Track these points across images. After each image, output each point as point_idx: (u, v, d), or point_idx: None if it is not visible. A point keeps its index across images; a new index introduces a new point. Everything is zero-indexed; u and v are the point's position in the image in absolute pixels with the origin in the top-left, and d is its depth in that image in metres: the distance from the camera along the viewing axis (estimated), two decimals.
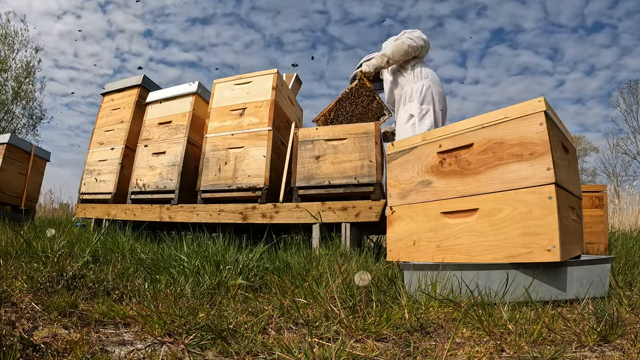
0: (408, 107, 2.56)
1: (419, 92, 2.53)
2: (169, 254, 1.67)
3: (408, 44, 2.52)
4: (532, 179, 1.26)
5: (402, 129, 2.54)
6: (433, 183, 1.54)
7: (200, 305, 1.13)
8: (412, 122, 2.49)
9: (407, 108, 2.56)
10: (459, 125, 1.49)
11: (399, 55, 2.56)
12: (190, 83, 2.96)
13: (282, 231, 2.61)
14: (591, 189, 2.97)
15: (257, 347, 0.85)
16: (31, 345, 0.78)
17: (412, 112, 2.52)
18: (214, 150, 2.63)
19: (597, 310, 1.01)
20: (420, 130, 2.42)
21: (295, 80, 3.39)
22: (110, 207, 2.92)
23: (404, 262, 1.47)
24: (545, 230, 1.20)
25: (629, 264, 1.85)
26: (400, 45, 2.53)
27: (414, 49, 2.52)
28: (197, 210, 2.52)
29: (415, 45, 2.52)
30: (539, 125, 1.27)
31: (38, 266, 1.34)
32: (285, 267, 1.61)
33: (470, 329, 0.96)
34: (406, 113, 2.56)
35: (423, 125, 2.46)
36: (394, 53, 2.56)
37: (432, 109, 2.49)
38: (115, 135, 3.19)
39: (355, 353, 0.82)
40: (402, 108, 2.61)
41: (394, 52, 2.56)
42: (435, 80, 2.61)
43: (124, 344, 0.88)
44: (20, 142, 4.12)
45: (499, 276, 1.26)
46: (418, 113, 2.49)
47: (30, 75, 13.84)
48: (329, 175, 2.26)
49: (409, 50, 2.53)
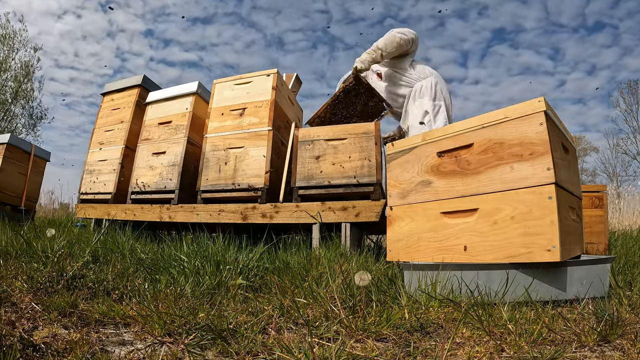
0: (420, 103, 2.54)
1: (430, 88, 2.52)
2: (169, 254, 1.67)
3: (400, 37, 2.51)
4: (532, 179, 1.26)
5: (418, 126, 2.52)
6: (433, 183, 1.54)
7: (200, 305, 1.13)
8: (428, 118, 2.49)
9: (419, 104, 2.54)
10: (459, 125, 1.49)
11: (391, 47, 2.54)
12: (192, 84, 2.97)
13: (282, 231, 2.61)
14: (591, 189, 2.97)
15: (257, 347, 0.85)
16: (31, 345, 0.78)
17: (426, 108, 2.50)
18: (214, 150, 2.63)
19: (597, 310, 1.01)
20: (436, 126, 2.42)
21: (295, 80, 3.39)
22: (110, 207, 2.92)
23: (404, 262, 1.47)
24: (545, 230, 1.20)
25: (629, 264, 1.85)
26: (392, 37, 2.53)
27: (405, 42, 2.52)
28: (197, 210, 2.52)
29: (406, 38, 2.51)
30: (539, 125, 1.27)
31: (38, 266, 1.34)
32: (285, 267, 1.61)
33: (470, 329, 0.96)
34: (421, 109, 2.53)
35: (438, 122, 2.46)
36: (386, 45, 2.54)
37: (443, 104, 2.49)
38: (115, 135, 3.19)
39: (355, 353, 0.82)
40: (413, 104, 2.58)
41: (386, 43, 2.54)
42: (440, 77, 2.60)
43: (124, 344, 0.88)
44: (20, 142, 4.12)
45: (499, 276, 1.26)
46: (432, 110, 2.48)
47: (30, 75, 13.84)
48: (329, 175, 2.26)
49: (401, 42, 2.52)
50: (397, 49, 2.54)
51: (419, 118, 2.53)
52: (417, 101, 2.55)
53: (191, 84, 2.96)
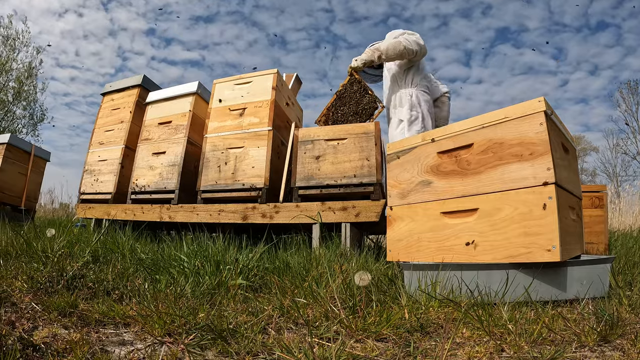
0: (399, 112, 2.58)
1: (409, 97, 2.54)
2: (169, 254, 1.67)
3: (405, 45, 2.46)
4: (532, 179, 1.26)
5: (393, 134, 2.58)
6: (433, 183, 1.54)
7: (200, 305, 1.13)
8: (402, 127, 2.53)
9: (398, 113, 2.58)
10: (459, 125, 1.49)
11: (392, 53, 2.49)
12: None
13: (282, 231, 2.61)
14: (591, 189, 2.97)
15: (257, 347, 0.85)
16: (31, 345, 0.78)
17: (401, 117, 2.55)
18: (214, 150, 2.63)
19: (597, 310, 1.01)
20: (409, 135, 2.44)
21: (295, 80, 3.39)
22: (110, 207, 2.92)
23: (404, 262, 1.47)
24: (545, 230, 1.20)
25: (629, 264, 1.85)
26: (396, 44, 2.47)
27: (408, 51, 2.47)
28: (197, 210, 2.52)
29: (410, 49, 2.46)
30: (539, 125, 1.27)
31: (38, 266, 1.34)
32: (285, 267, 1.61)
33: (470, 329, 0.96)
34: (396, 118, 2.59)
35: (412, 131, 2.49)
36: (388, 50, 2.49)
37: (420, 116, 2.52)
38: (115, 135, 3.19)
39: (355, 353, 0.82)
40: (393, 111, 2.63)
41: (388, 48, 2.49)
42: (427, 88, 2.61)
43: (124, 344, 0.88)
44: (20, 142, 4.13)
45: (499, 276, 1.26)
46: (407, 118, 2.51)
47: (32, 76, 13.82)
48: (329, 175, 2.26)
49: (404, 51, 2.47)
50: (398, 55, 2.49)
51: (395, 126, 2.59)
52: (397, 109, 2.59)
53: (191, 84, 2.96)
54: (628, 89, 17.43)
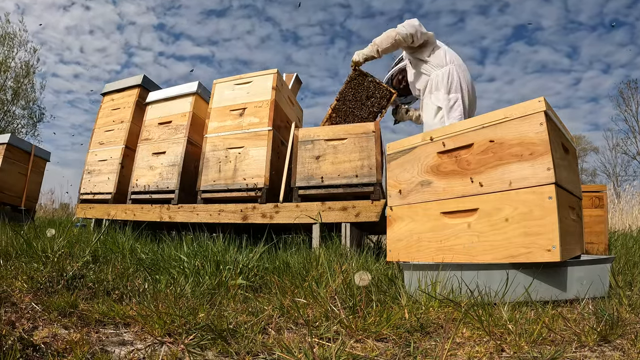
0: (435, 98, 2.35)
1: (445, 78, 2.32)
2: (169, 254, 1.67)
3: (397, 32, 2.34)
4: (532, 179, 1.26)
5: (431, 123, 2.36)
6: (433, 183, 1.54)
7: (200, 305, 1.13)
8: (441, 115, 2.31)
9: (434, 99, 2.35)
10: (459, 125, 1.49)
11: (387, 44, 2.39)
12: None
13: (282, 231, 2.61)
14: (591, 189, 2.97)
15: (257, 347, 0.85)
16: (31, 345, 0.78)
17: (439, 103, 2.32)
18: (214, 150, 2.63)
19: (597, 310, 1.01)
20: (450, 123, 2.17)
21: (295, 80, 3.39)
22: (110, 207, 2.92)
23: (404, 262, 1.47)
24: (545, 230, 1.20)
25: (629, 264, 1.85)
26: (388, 33, 2.38)
27: (404, 37, 2.33)
28: (197, 210, 2.52)
29: (404, 33, 2.32)
30: (539, 126, 1.27)
31: (38, 266, 1.34)
32: (285, 267, 1.61)
33: (470, 329, 0.96)
34: (433, 105, 2.35)
35: (452, 119, 2.27)
36: (382, 41, 2.40)
37: (460, 97, 2.29)
38: (115, 135, 3.19)
39: (355, 353, 0.82)
40: (428, 97, 2.40)
41: (381, 40, 2.40)
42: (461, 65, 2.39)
43: (124, 344, 0.88)
44: (20, 142, 4.13)
45: (499, 276, 1.26)
46: (446, 104, 2.29)
47: (30, 75, 13.81)
48: (329, 175, 2.26)
49: (397, 38, 2.34)
50: (393, 45, 2.39)
51: (432, 115, 2.37)
52: (433, 94, 2.37)
53: (191, 83, 2.96)
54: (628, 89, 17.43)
